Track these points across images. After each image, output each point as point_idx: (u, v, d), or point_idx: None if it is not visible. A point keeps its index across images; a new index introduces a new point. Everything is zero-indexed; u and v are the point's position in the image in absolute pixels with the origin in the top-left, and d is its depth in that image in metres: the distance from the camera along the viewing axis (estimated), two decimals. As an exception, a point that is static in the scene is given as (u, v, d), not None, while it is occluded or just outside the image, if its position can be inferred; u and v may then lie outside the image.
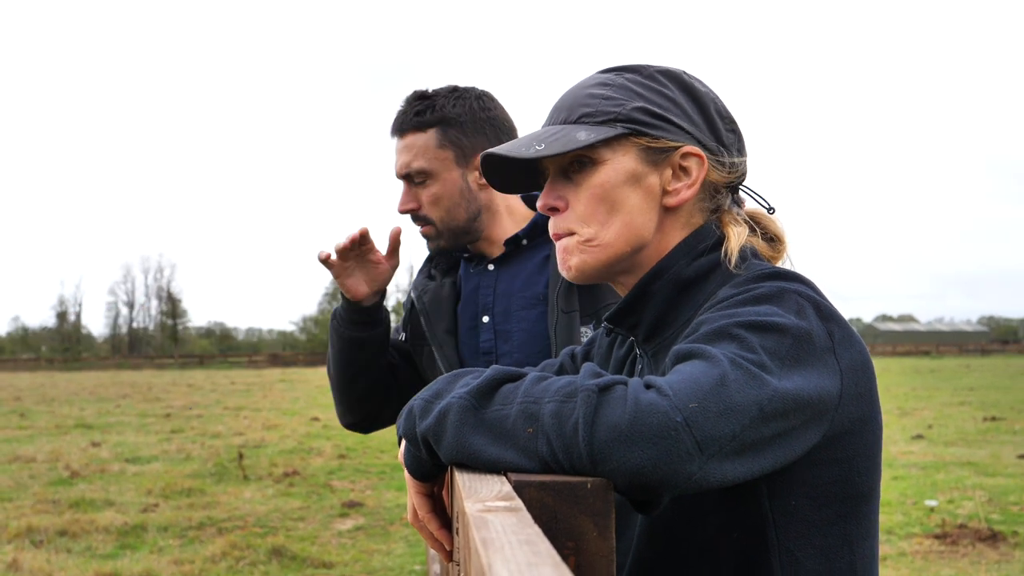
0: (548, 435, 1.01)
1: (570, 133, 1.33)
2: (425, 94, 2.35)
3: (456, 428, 1.07)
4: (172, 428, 16.72)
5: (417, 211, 2.33)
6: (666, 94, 1.36)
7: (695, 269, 1.33)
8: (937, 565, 6.37)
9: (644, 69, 1.39)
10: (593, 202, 1.34)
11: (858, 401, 1.18)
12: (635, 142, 1.33)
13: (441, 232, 2.33)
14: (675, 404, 0.98)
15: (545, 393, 1.05)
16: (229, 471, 11.03)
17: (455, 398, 1.09)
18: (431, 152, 2.29)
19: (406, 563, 6.75)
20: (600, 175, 1.34)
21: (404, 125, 2.32)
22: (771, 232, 1.42)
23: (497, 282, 2.38)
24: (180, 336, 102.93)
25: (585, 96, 1.37)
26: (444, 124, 2.30)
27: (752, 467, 1.05)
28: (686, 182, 1.34)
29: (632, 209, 1.34)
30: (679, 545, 1.25)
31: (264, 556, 6.80)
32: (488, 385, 1.09)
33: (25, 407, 22.84)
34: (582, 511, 0.97)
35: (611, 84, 1.36)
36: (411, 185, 2.33)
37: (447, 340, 2.41)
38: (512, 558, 0.68)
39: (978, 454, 11.68)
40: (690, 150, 1.34)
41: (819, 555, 1.19)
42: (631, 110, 1.33)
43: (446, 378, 1.18)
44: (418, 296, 2.49)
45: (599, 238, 1.34)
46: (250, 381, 36.95)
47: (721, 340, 1.10)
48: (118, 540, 7.51)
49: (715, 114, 1.38)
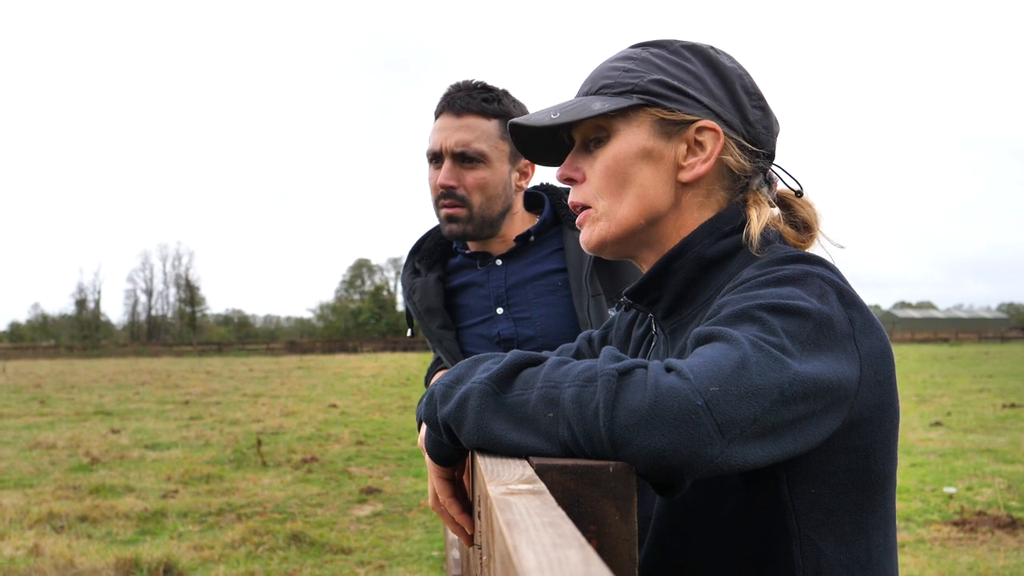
0: (569, 420, 1.01)
1: (587, 104, 1.34)
2: (487, 86, 2.38)
3: (477, 413, 1.07)
4: (191, 415, 16.81)
5: (455, 190, 2.32)
6: (688, 68, 1.34)
7: (718, 249, 1.31)
8: (956, 552, 6.34)
9: (671, 44, 1.38)
10: (606, 175, 1.34)
11: (877, 389, 1.17)
12: (651, 113, 1.32)
13: (472, 217, 2.34)
14: (695, 387, 0.97)
15: (565, 378, 1.04)
16: (248, 457, 11.08)
17: (476, 383, 1.09)
18: (493, 140, 2.32)
19: (424, 549, 6.77)
20: (613, 147, 1.34)
21: (469, 106, 2.32)
22: (801, 217, 1.39)
23: (507, 275, 2.40)
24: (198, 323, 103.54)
25: (608, 69, 1.37)
26: (508, 119, 2.31)
27: (773, 451, 1.04)
28: (701, 157, 1.32)
29: (645, 182, 1.33)
30: (698, 529, 1.24)
31: (283, 542, 6.83)
32: (508, 370, 1.09)
33: (45, 394, 23.00)
34: (604, 495, 0.97)
35: (634, 58, 1.36)
36: (456, 163, 2.32)
37: (444, 335, 2.43)
38: (537, 540, 0.68)
39: (997, 441, 11.61)
40: (706, 124, 1.32)
41: (837, 542, 1.19)
42: (648, 82, 1.32)
43: (467, 363, 1.17)
44: (408, 295, 2.51)
45: (612, 212, 1.35)
46: (268, 368, 37.09)
47: (743, 322, 1.09)
48: (138, 526, 7.56)
49: (740, 90, 1.36)
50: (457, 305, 2.48)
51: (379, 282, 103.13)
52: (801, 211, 1.40)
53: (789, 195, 1.42)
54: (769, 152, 1.39)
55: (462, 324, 2.46)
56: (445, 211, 2.34)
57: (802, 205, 1.41)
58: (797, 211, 1.40)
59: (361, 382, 26.80)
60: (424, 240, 2.59)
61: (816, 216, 1.40)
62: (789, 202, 1.41)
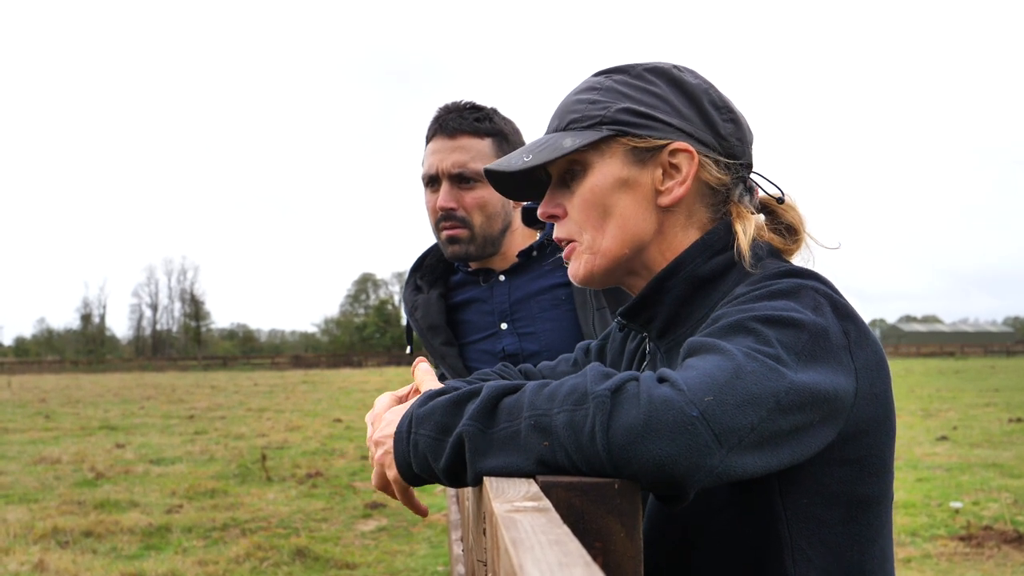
0: (565, 447, 1.00)
1: (557, 141, 1.34)
2: (477, 105, 2.38)
3: (472, 457, 1.07)
4: (196, 430, 16.80)
5: (455, 211, 2.32)
6: (653, 91, 1.34)
7: (712, 267, 1.31)
8: (962, 567, 6.32)
9: (632, 69, 1.37)
10: (586, 208, 1.34)
11: (873, 402, 1.18)
12: (622, 143, 1.32)
13: (474, 237, 2.34)
14: (690, 399, 0.97)
15: (551, 403, 1.03)
16: (252, 472, 11.08)
17: (462, 429, 1.08)
18: (488, 158, 2.31)
19: (429, 564, 6.76)
20: (589, 181, 1.34)
21: (462, 126, 2.32)
22: (786, 221, 1.39)
23: (511, 291, 2.40)
24: (203, 338, 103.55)
25: (573, 102, 1.37)
26: (500, 137, 2.35)
27: (771, 461, 1.04)
28: (678, 179, 1.32)
29: (625, 212, 1.33)
30: (691, 537, 1.24)
31: (287, 557, 6.83)
32: (488, 404, 1.08)
33: (50, 409, 23.01)
34: (609, 511, 0.97)
35: (598, 88, 1.36)
36: (454, 185, 2.32)
37: (448, 351, 2.43)
38: (543, 558, 0.68)
39: (1003, 455, 11.57)
40: (678, 146, 1.32)
41: (829, 554, 1.19)
42: (616, 111, 1.33)
43: (444, 409, 1.13)
44: (410, 312, 2.51)
45: (597, 244, 1.35)
46: (273, 383, 37.08)
47: (737, 334, 1.09)
48: (143, 541, 7.56)
49: (709, 105, 1.35)
50: (460, 321, 2.49)
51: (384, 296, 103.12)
52: (785, 215, 1.40)
53: (771, 201, 1.42)
54: (746, 162, 1.38)
55: (466, 340, 2.46)
56: (447, 233, 2.34)
57: (786, 210, 1.40)
58: (781, 216, 1.40)
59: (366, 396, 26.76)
60: (425, 257, 2.59)
61: (801, 219, 1.40)
62: (772, 208, 1.41)
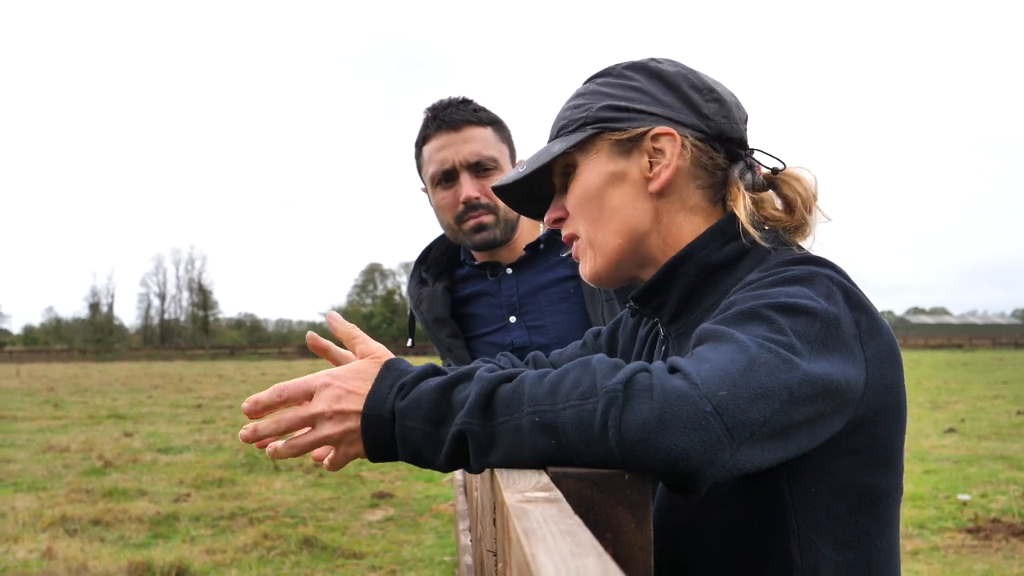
0: (574, 443, 1.00)
1: (548, 149, 1.39)
2: (467, 99, 2.41)
3: (476, 453, 1.07)
4: (203, 419, 16.85)
5: (480, 200, 2.34)
6: (632, 85, 1.37)
7: (725, 253, 1.32)
8: (970, 559, 6.31)
9: (613, 69, 1.41)
10: (580, 205, 1.38)
11: (883, 392, 1.17)
12: (606, 139, 1.35)
13: (499, 221, 2.36)
14: (703, 393, 0.97)
15: (555, 397, 1.02)
16: (260, 462, 11.10)
17: (462, 426, 1.07)
18: (496, 145, 2.36)
19: (435, 554, 6.77)
20: (581, 179, 1.38)
21: (465, 118, 2.35)
22: (786, 195, 1.38)
23: (519, 284, 2.40)
24: (211, 327, 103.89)
25: (563, 111, 1.42)
26: (497, 125, 2.39)
27: (780, 452, 1.05)
28: (663, 163, 1.33)
29: (618, 204, 1.35)
30: (698, 525, 1.24)
31: (295, 546, 6.84)
32: (483, 397, 1.07)
33: (59, 397, 23.10)
34: (620, 502, 0.97)
35: (584, 93, 1.41)
36: (475, 174, 2.34)
37: (454, 343, 2.43)
38: (555, 548, 0.68)
39: (1012, 448, 11.54)
40: (659, 130, 1.33)
41: (837, 544, 1.19)
42: (597, 110, 1.36)
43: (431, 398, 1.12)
44: (415, 305, 2.51)
45: (596, 239, 1.37)
46: (280, 372, 37.15)
47: (751, 321, 1.09)
48: (151, 529, 7.59)
49: (689, 89, 1.36)
50: (467, 315, 2.48)
51: (391, 286, 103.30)
52: (784, 187, 1.38)
53: (772, 176, 1.41)
54: (739, 140, 1.38)
55: (474, 334, 2.46)
56: (474, 222, 2.34)
57: (786, 180, 1.38)
58: (781, 189, 1.39)
59: (373, 386, 26.74)
60: (430, 250, 2.59)
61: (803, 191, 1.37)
62: (776, 182, 1.40)
